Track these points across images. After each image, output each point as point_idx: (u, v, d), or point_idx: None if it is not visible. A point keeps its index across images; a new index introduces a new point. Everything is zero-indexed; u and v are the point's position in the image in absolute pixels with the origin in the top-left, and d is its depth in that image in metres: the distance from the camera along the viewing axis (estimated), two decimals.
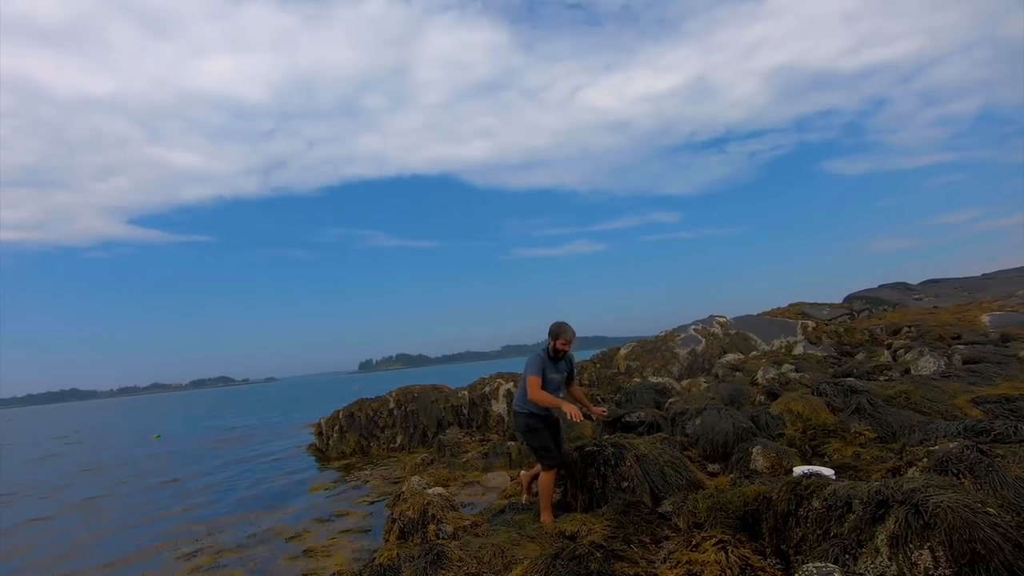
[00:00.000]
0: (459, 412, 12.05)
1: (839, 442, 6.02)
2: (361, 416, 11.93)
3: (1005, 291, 21.54)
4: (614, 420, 9.03)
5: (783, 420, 6.72)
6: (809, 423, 6.64)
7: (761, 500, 3.90)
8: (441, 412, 11.96)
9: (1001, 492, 3.37)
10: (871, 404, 6.52)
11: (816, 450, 5.96)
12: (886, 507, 2.76)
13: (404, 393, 12.27)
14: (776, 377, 9.92)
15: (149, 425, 31.06)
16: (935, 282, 27.38)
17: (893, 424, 6.14)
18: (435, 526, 5.21)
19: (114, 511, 8.85)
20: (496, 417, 11.82)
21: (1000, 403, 6.32)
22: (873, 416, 6.36)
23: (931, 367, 9.00)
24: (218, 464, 12.77)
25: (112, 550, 6.62)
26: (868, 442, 5.95)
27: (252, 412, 33.71)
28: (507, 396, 12.01)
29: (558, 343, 4.79)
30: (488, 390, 12.38)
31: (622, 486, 5.07)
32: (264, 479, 10.17)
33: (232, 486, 9.88)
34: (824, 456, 5.75)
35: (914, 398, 6.79)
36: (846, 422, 6.43)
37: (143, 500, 9.43)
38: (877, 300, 24.08)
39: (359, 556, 5.43)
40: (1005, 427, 4.98)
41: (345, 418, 12.03)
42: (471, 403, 12.16)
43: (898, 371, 9.63)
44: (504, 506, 5.44)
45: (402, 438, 11.73)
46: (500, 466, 8.31)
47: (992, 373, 8.12)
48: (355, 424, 11.88)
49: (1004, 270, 27.35)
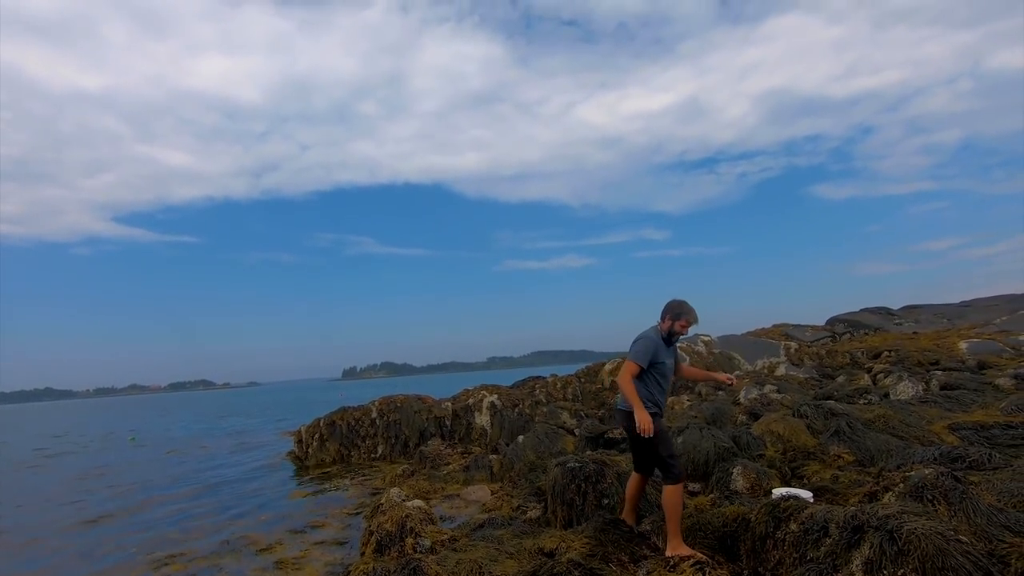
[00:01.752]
0: (442, 423, 11.96)
1: (818, 464, 6.07)
2: (342, 425, 11.80)
3: (983, 319, 21.97)
4: (597, 436, 9.02)
5: (764, 441, 6.77)
6: (789, 444, 6.69)
7: (740, 521, 3.92)
8: (424, 423, 11.87)
9: (974, 520, 3.42)
10: (850, 427, 6.59)
11: (795, 472, 6.00)
12: (862, 532, 2.79)
13: (387, 402, 12.17)
14: (758, 397, 9.99)
15: (125, 427, 30.44)
16: (915, 308, 27.84)
17: (871, 448, 6.21)
18: (413, 540, 5.14)
19: (87, 513, 8.65)
20: (479, 429, 11.75)
21: (975, 430, 6.42)
22: (852, 439, 6.43)
23: (909, 392, 9.13)
24: (193, 469, 12.54)
25: (84, 554, 6.46)
26: (846, 465, 6.00)
27: (232, 417, 33.19)
28: (491, 408, 11.96)
29: (677, 324, 4.09)
30: (472, 402, 12.32)
31: (602, 503, 5.07)
32: (240, 486, 9.99)
33: (207, 492, 9.70)
34: (803, 478, 5.79)
35: (892, 422, 6.88)
36: (825, 444, 6.49)
37: (115, 505, 9.22)
38: (858, 324, 24.42)
39: (332, 570, 5.35)
40: (979, 454, 5.06)
41: (326, 426, 11.89)
42: (454, 415, 12.09)
43: (877, 395, 9.75)
44: (484, 520, 5.40)
45: (383, 448, 11.61)
46: (481, 479, 8.26)
47: (968, 400, 8.26)
48: (336, 433, 11.74)
49: (982, 298, 27.90)
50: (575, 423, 10.78)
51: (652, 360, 3.99)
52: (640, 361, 3.96)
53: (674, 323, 4.07)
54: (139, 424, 32.85)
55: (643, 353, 3.99)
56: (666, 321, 4.09)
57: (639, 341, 4.07)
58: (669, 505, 3.88)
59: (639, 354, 3.98)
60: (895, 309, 27.86)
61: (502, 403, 12.12)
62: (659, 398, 4.11)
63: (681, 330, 4.10)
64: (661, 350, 4.04)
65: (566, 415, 11.33)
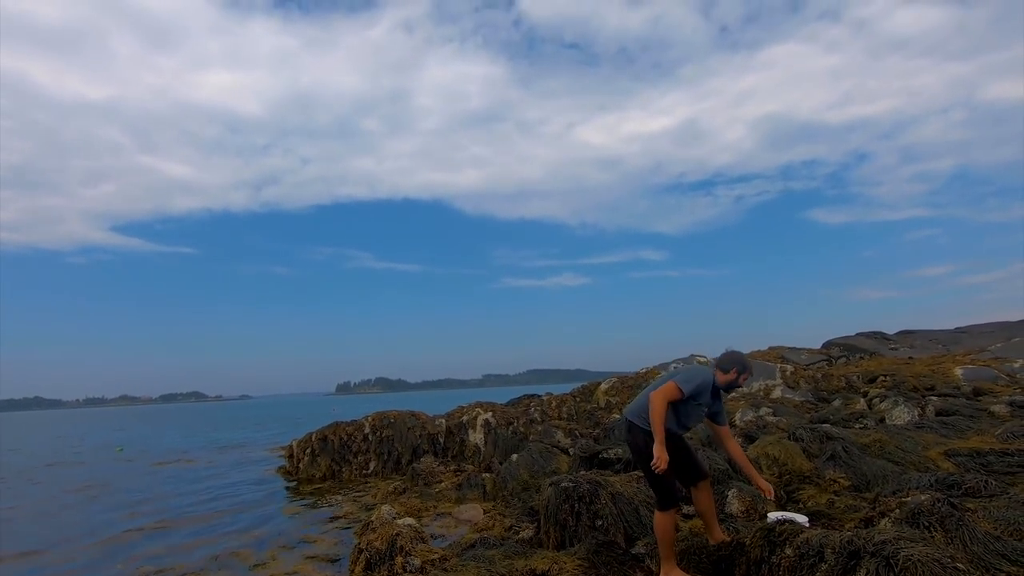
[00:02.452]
0: (435, 440, 11.86)
1: (814, 489, 6.03)
2: (335, 440, 11.68)
3: (978, 345, 22.02)
4: (591, 455, 8.94)
5: (760, 464, 6.72)
6: (785, 468, 6.65)
7: (735, 545, 3.87)
8: (417, 439, 11.76)
9: (971, 547, 3.39)
10: (846, 452, 6.56)
11: (791, 496, 5.96)
12: (857, 558, 2.76)
13: (380, 418, 12.07)
14: (754, 420, 9.95)
15: (113, 438, 30.06)
16: (910, 333, 27.90)
17: (867, 473, 6.18)
18: (403, 558, 5.07)
19: (75, 526, 8.49)
20: (472, 447, 11.64)
21: (971, 456, 6.40)
22: (848, 464, 6.39)
23: (905, 417, 9.11)
24: (182, 483, 12.37)
25: (67, 570, 6.32)
26: (842, 490, 5.96)
27: (222, 430, 32.83)
28: (484, 426, 11.87)
29: (742, 378, 3.86)
30: (466, 419, 12.23)
31: (596, 524, 5.00)
32: (230, 501, 9.84)
33: (196, 506, 9.55)
34: (799, 502, 5.74)
35: (888, 447, 6.85)
36: (821, 469, 6.45)
37: (105, 517, 9.06)
38: (854, 348, 24.44)
39: None
40: (976, 481, 5.04)
41: (318, 441, 11.77)
42: (448, 432, 11.99)
43: (873, 419, 9.72)
44: (475, 540, 5.32)
45: (375, 464, 11.48)
46: (473, 498, 8.15)
47: (964, 426, 8.24)
48: (328, 448, 11.62)
49: (977, 324, 27.99)
50: (570, 442, 10.69)
51: (694, 395, 3.74)
52: (685, 389, 3.68)
53: (739, 376, 3.84)
54: (128, 436, 32.45)
55: (693, 384, 3.72)
56: (732, 373, 3.83)
57: (694, 372, 3.83)
58: (657, 531, 3.81)
59: (689, 383, 3.71)
60: (890, 334, 27.91)
61: (496, 421, 12.04)
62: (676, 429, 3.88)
63: (743, 384, 3.92)
64: (707, 393, 3.80)
65: (561, 434, 11.24)
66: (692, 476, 3.99)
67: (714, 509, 4.11)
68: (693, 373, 3.81)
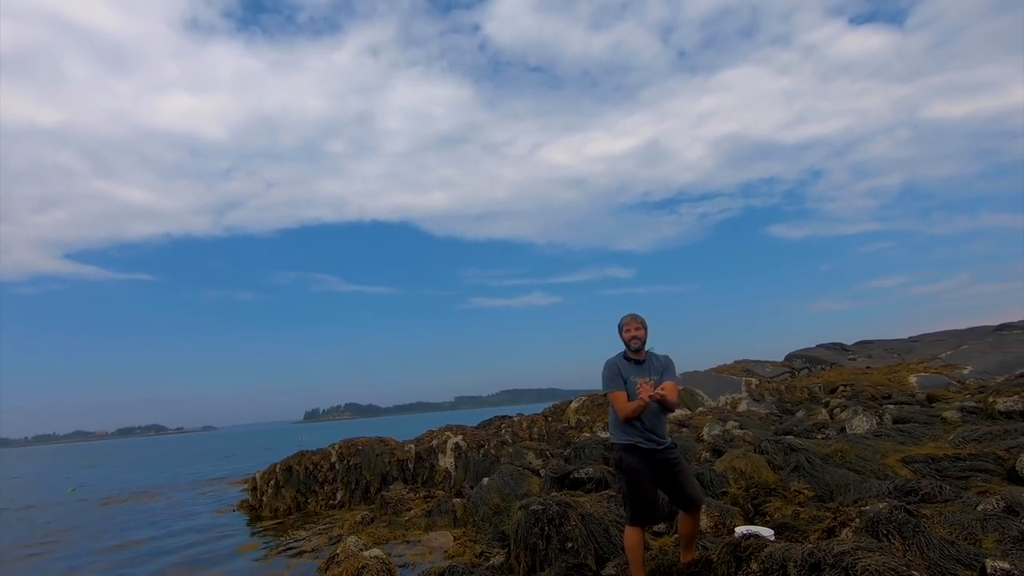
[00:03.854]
0: (404, 467, 11.61)
1: (780, 501, 6.12)
2: (300, 470, 11.32)
3: (930, 353, 22.92)
4: (562, 476, 8.89)
5: (727, 478, 6.80)
6: (752, 481, 6.74)
7: (703, 562, 3.88)
8: (386, 466, 11.49)
9: (927, 553, 3.47)
10: (809, 462, 6.70)
11: (758, 509, 6.03)
12: (818, 570, 2.79)
13: (347, 446, 11.77)
14: (721, 434, 10.09)
15: (66, 477, 28.47)
16: (867, 343, 28.90)
17: (830, 483, 6.31)
18: None
19: (22, 571, 7.95)
20: (443, 472, 11.45)
21: (927, 463, 6.61)
22: (811, 474, 6.52)
23: (864, 426, 9.38)
24: (137, 522, 11.75)
25: None
26: (807, 501, 6.07)
27: (182, 464, 31.47)
28: (455, 450, 11.70)
29: (624, 336, 3.87)
30: (436, 443, 12.04)
31: (566, 547, 4.96)
32: (188, 540, 9.38)
33: (152, 548, 9.06)
34: (765, 515, 5.81)
35: (849, 456, 7.02)
36: (786, 480, 6.56)
37: (52, 561, 8.51)
38: (815, 359, 25.14)
39: None
40: (931, 487, 5.20)
41: (282, 472, 11.39)
42: (417, 457, 11.77)
43: (834, 429, 9.98)
44: (444, 568, 5.20)
45: (343, 494, 11.16)
46: (443, 525, 7.99)
47: (919, 433, 8.53)
48: (293, 479, 11.25)
49: (928, 333, 29.19)
50: (541, 463, 10.62)
51: (623, 378, 3.76)
52: (616, 388, 3.75)
53: (622, 332, 3.92)
54: (77, 473, 30.79)
55: (611, 380, 3.79)
56: (621, 335, 3.94)
57: (603, 371, 3.90)
58: (627, 546, 3.84)
59: (608, 382, 3.80)
60: (849, 345, 28.84)
61: (467, 444, 11.88)
62: (635, 425, 3.75)
63: (631, 340, 3.85)
64: (627, 369, 3.80)
65: (532, 455, 11.17)
66: (684, 502, 3.88)
67: (694, 532, 4.05)
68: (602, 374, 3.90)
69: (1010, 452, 6.40)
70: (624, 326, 3.91)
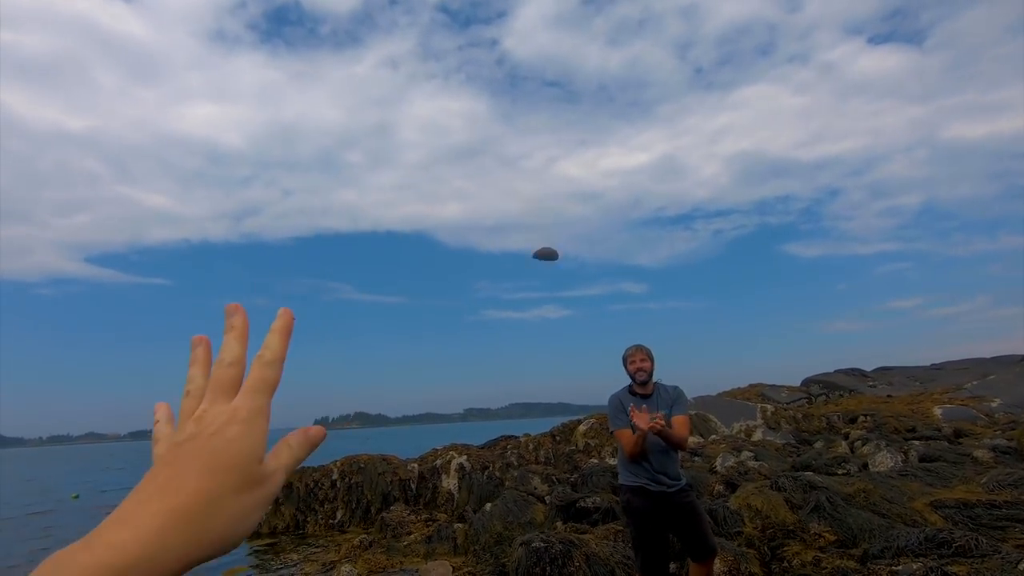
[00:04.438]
0: (407, 486, 11.32)
1: (799, 544, 5.73)
2: (300, 487, 11.08)
3: (954, 383, 22.16)
4: (568, 504, 8.54)
5: (742, 516, 6.42)
6: (768, 520, 6.35)
7: None
8: (388, 486, 11.21)
9: None
10: (831, 502, 6.30)
11: (775, 552, 5.65)
12: None
13: (349, 463, 11.52)
14: (735, 466, 9.67)
15: (71, 481, 28.51)
16: (887, 370, 28.10)
17: (853, 526, 5.90)
18: None
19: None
20: (446, 493, 11.13)
21: (959, 508, 6.17)
22: (832, 516, 6.12)
23: (888, 463, 8.91)
24: None
25: None
26: (828, 545, 5.68)
27: None
28: (459, 471, 11.39)
29: (629, 367, 3.68)
30: (439, 463, 11.73)
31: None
32: None
33: None
34: (783, 560, 5.43)
35: (873, 498, 6.60)
36: (806, 521, 6.17)
37: None
38: (833, 385, 24.46)
39: None
40: (966, 539, 4.79)
41: (282, 489, 11.14)
42: (420, 477, 11.47)
43: (856, 464, 9.50)
44: None
45: (343, 513, 10.88)
46: (443, 552, 7.66)
47: (948, 473, 8.05)
48: (292, 496, 11.00)
49: (952, 361, 28.34)
50: (546, 488, 10.26)
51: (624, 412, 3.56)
52: (619, 426, 3.58)
53: (627, 365, 3.71)
54: (88, 478, 30.86)
55: (611, 416, 3.65)
56: (627, 367, 3.73)
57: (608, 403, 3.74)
58: None
59: (612, 420, 3.65)
60: (868, 371, 28.07)
61: (471, 465, 11.56)
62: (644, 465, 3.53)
63: (636, 372, 3.65)
64: (624, 402, 3.62)
65: (537, 480, 10.81)
66: (698, 551, 3.57)
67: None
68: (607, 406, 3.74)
69: None
70: (628, 358, 3.71)
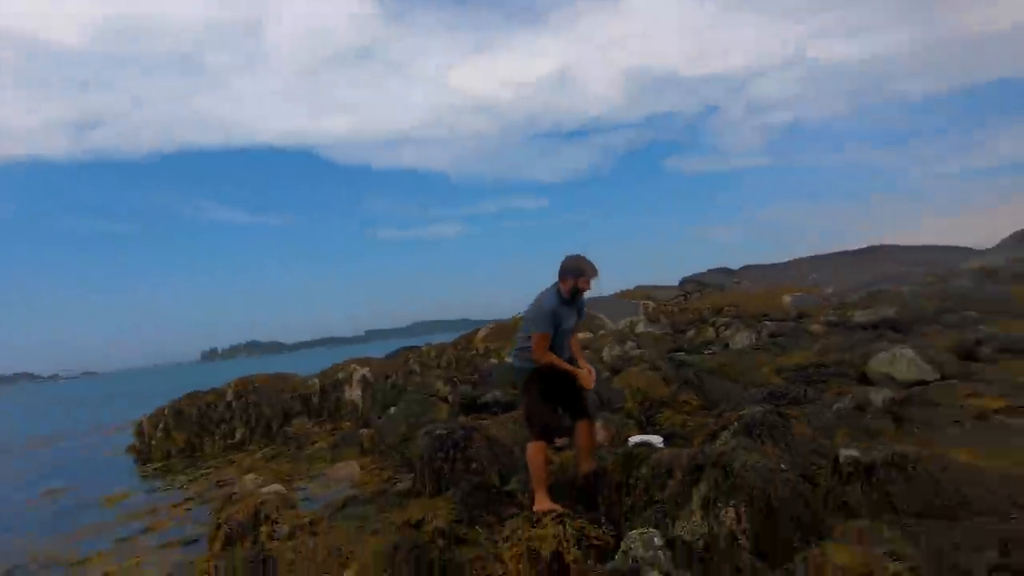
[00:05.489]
0: (308, 401, 11.29)
1: (670, 412, 6.58)
2: (192, 411, 10.67)
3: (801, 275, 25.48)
4: (470, 402, 9.04)
5: (624, 394, 7.20)
6: (647, 396, 7.18)
7: (599, 471, 4.07)
8: (288, 401, 11.11)
9: (793, 450, 3.85)
10: (697, 376, 7.23)
11: (650, 420, 6.45)
12: (700, 471, 2.98)
13: (244, 383, 11.20)
14: (620, 354, 10.65)
15: None
16: (751, 267, 31.55)
17: (715, 393, 6.87)
18: (269, 528, 4.74)
19: None
20: (349, 404, 11.26)
21: (796, 370, 7.38)
22: (699, 387, 7.06)
23: (745, 341, 10.28)
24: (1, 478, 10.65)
25: None
26: (694, 410, 6.58)
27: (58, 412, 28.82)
28: (361, 382, 11.51)
29: (580, 282, 3.82)
30: (341, 376, 11.75)
31: (471, 468, 5.03)
32: (59, 492, 8.60)
33: (13, 502, 8.25)
34: (657, 425, 6.24)
35: (731, 369, 7.68)
36: (677, 393, 7.06)
37: None
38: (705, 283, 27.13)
39: (174, 572, 4.77)
40: (797, 391, 5.79)
41: (172, 415, 10.68)
42: (322, 391, 11.46)
43: (719, 345, 10.87)
44: (348, 498, 5.14)
45: (242, 432, 10.70)
46: (350, 455, 7.90)
47: (790, 345, 9.49)
48: (185, 421, 10.59)
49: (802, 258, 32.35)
50: (449, 390, 10.73)
51: (556, 323, 3.81)
52: (546, 330, 3.78)
53: (576, 281, 3.83)
54: None
55: (546, 322, 3.81)
56: (567, 281, 3.84)
57: (538, 308, 3.86)
58: (529, 462, 3.93)
59: (542, 324, 3.80)
60: (735, 269, 31.33)
61: (374, 375, 11.71)
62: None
63: (585, 287, 3.85)
64: (562, 313, 3.84)
65: (440, 383, 11.22)
66: (577, 413, 4.07)
67: (590, 444, 4.22)
68: (536, 311, 3.88)
69: (862, 358, 7.27)
70: (583, 273, 3.82)
